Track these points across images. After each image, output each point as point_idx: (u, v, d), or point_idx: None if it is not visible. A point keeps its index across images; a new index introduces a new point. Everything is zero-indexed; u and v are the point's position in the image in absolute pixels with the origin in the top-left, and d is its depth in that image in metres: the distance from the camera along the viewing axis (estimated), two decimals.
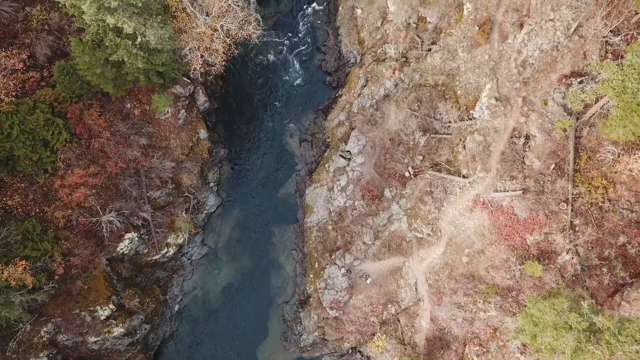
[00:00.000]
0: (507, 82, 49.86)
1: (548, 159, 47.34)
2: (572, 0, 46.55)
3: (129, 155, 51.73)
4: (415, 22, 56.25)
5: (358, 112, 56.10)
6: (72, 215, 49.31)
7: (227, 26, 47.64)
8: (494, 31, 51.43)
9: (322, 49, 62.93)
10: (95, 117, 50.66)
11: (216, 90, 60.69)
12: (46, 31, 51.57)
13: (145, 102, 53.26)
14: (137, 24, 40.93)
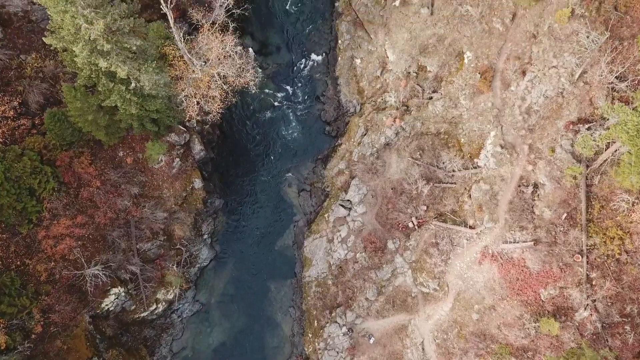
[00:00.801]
0: (512, 130, 48.43)
1: (559, 208, 45.05)
2: (575, 47, 45.96)
3: (119, 205, 49.42)
4: (415, 71, 55.63)
5: (358, 160, 54.36)
6: (55, 269, 46.30)
7: (224, 72, 46.62)
8: (496, 79, 50.62)
9: (321, 98, 62.11)
10: (85, 165, 48.77)
11: (213, 139, 59.23)
12: (40, 79, 50.68)
13: (138, 150, 51.55)
14: (131, 68, 39.78)
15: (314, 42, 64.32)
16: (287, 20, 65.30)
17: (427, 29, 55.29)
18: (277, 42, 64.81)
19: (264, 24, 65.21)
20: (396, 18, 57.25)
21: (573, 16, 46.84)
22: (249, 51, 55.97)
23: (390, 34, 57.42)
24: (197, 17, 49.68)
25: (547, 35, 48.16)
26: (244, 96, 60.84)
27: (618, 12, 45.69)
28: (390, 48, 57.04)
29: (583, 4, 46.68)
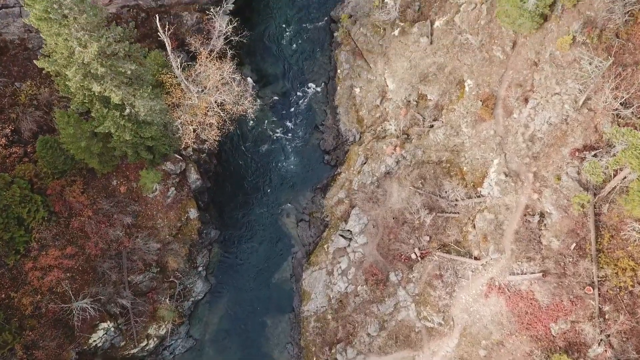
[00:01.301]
0: (515, 157, 47.29)
1: (567, 238, 43.42)
2: (578, 74, 45.32)
3: (111, 235, 47.66)
4: (415, 100, 54.94)
5: (358, 189, 52.97)
6: (42, 302, 44.17)
7: (222, 99, 45.76)
8: (498, 106, 49.85)
9: (320, 128, 61.25)
10: (77, 194, 47.28)
11: (209, 168, 57.96)
12: (34, 106, 49.77)
13: (132, 179, 50.16)
14: (125, 93, 38.83)
15: (313, 72, 63.96)
16: (286, 51, 65.17)
17: (426, 58, 54.95)
18: (276, 72, 64.47)
19: (263, 54, 65.04)
20: (395, 47, 57.02)
21: (574, 43, 46.41)
22: (247, 80, 55.34)
23: (389, 63, 57.05)
24: (195, 45, 49.30)
25: (548, 63, 47.65)
26: (242, 125, 60.01)
27: (620, 40, 45.28)
28: (389, 77, 56.55)
29: (584, 31, 46.35)
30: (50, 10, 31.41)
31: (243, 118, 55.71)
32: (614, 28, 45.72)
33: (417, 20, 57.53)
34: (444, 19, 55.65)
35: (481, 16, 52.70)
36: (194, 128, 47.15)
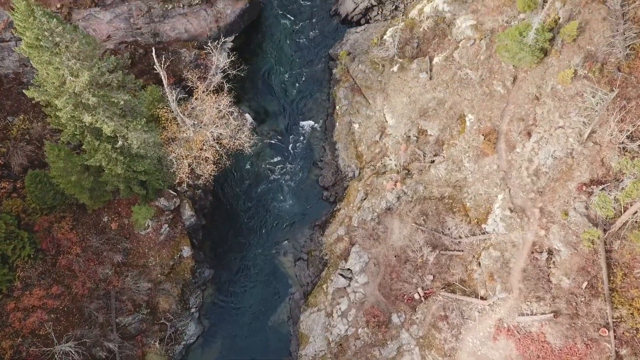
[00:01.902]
0: (520, 192, 45.83)
1: (578, 277, 41.36)
2: (581, 107, 44.53)
3: (100, 274, 45.55)
4: (415, 135, 53.98)
5: (358, 226, 51.16)
6: (22, 345, 41.54)
7: (218, 132, 44.68)
8: (500, 141, 48.80)
9: (318, 164, 60.04)
10: (65, 231, 45.46)
11: (205, 205, 56.30)
12: (26, 141, 48.66)
13: (124, 215, 48.45)
14: (118, 125, 37.70)
15: (311, 109, 63.42)
16: (284, 88, 64.87)
17: (426, 93, 54.39)
18: (274, 109, 63.91)
19: (261, 92, 64.68)
20: (394, 83, 56.59)
21: (576, 77, 45.90)
22: (245, 116, 54.50)
23: (388, 99, 56.47)
24: (192, 79, 48.68)
25: (550, 97, 46.98)
26: (239, 162, 58.84)
27: (622, 73, 44.73)
28: (389, 112, 55.83)
29: (585, 65, 45.91)
30: (42, 37, 30.65)
31: (240, 154, 54.56)
32: (615, 62, 45.29)
33: (416, 56, 57.41)
34: (443, 55, 55.51)
35: (480, 51, 52.50)
36: (189, 162, 45.85)
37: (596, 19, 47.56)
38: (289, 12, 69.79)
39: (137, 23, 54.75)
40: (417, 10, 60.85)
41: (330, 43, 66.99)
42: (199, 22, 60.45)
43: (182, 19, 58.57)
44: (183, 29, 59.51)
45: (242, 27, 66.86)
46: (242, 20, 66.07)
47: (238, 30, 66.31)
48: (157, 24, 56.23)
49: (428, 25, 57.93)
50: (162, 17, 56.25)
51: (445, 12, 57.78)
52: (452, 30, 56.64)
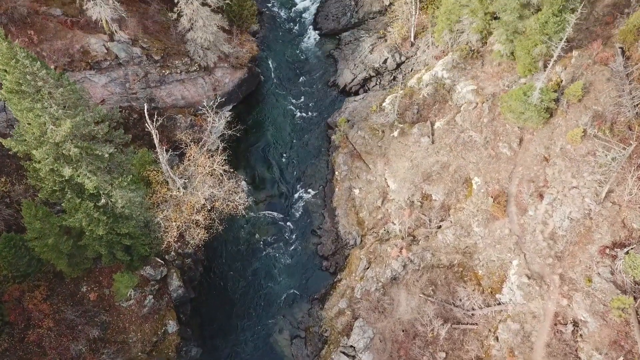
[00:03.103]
0: (537, 258, 42.28)
1: (610, 351, 36.77)
2: (594, 166, 42.27)
3: (73, 350, 40.60)
4: (419, 200, 51.22)
5: (362, 297, 46.85)
6: None
7: (210, 192, 41.88)
8: (511, 203, 46.01)
9: (317, 232, 56.64)
10: (38, 301, 41.10)
11: (194, 276, 52.07)
12: (5, 204, 45.50)
13: (105, 284, 44.29)
14: (101, 181, 34.91)
15: (309, 176, 61.17)
16: (282, 155, 63.12)
17: (429, 157, 52.42)
18: (271, 176, 61.67)
19: (257, 159, 62.84)
20: (395, 148, 54.86)
21: (586, 136, 44.17)
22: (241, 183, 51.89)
23: (389, 163, 54.41)
24: (185, 140, 46.78)
25: (560, 157, 44.92)
26: (233, 230, 55.57)
27: (632, 132, 42.99)
28: (390, 177, 53.52)
29: (594, 124, 44.34)
30: (24, 82, 28.76)
31: (234, 222, 51.56)
32: (625, 121, 43.79)
33: (417, 121, 56.19)
34: (444, 119, 54.28)
35: (483, 114, 51.24)
36: (178, 225, 42.56)
37: (600, 80, 46.77)
38: (287, 83, 69.86)
39: (132, 88, 53.86)
40: (416, 79, 60.63)
41: (329, 112, 66.29)
42: (196, 89, 59.86)
43: (179, 85, 57.95)
44: (180, 96, 58.74)
45: (240, 97, 66.49)
46: (240, 90, 65.80)
47: (236, 100, 65.86)
48: (153, 89, 55.40)
49: (428, 92, 57.32)
50: (158, 83, 55.53)
51: (445, 79, 57.41)
52: (453, 96, 55.90)
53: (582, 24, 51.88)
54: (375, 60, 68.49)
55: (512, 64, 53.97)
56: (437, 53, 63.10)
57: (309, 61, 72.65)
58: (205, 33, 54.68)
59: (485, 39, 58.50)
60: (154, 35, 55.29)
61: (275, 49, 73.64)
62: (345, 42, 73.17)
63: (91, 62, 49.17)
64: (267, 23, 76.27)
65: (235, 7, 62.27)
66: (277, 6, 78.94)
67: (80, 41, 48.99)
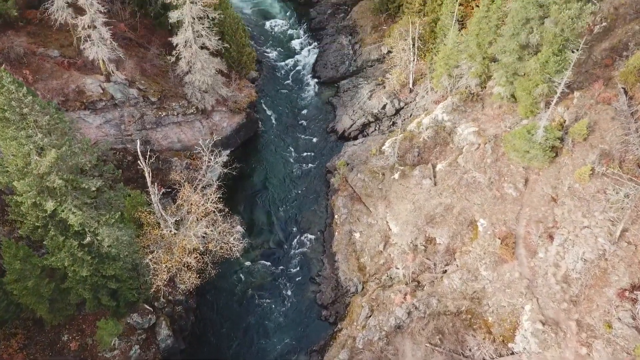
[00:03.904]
0: (550, 302, 39.61)
1: None
2: (606, 205, 40.48)
3: None
4: (423, 244, 48.97)
5: (364, 348, 43.59)
6: None
7: (203, 231, 39.75)
8: (519, 245, 43.81)
9: (316, 279, 53.88)
10: (14, 351, 38.04)
11: (185, 326, 48.79)
12: None
13: (88, 333, 41.20)
14: (87, 217, 32.91)
15: (308, 221, 59.11)
16: (279, 200, 61.35)
17: (431, 199, 50.68)
18: (268, 221, 59.60)
19: (254, 204, 61.00)
20: (396, 190, 53.22)
21: (594, 174, 42.65)
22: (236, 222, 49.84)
23: (391, 206, 52.57)
24: (180, 179, 45.19)
25: (569, 196, 43.22)
26: (227, 276, 52.89)
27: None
28: (392, 220, 51.52)
29: (602, 162, 42.95)
30: (8, 108, 27.44)
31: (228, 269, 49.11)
32: (634, 159, 42.45)
33: (418, 164, 54.91)
34: (446, 161, 53.03)
35: (486, 155, 50.02)
36: (168, 267, 40.11)
37: (604, 119, 45.92)
38: (286, 129, 69.24)
39: (128, 129, 52.89)
40: (416, 123, 59.94)
41: (328, 157, 65.21)
42: (193, 132, 58.97)
43: (175, 128, 57.09)
44: (176, 139, 57.76)
45: (238, 143, 65.64)
46: (238, 135, 65.04)
47: (234, 145, 64.92)
48: (149, 131, 54.44)
49: (428, 135, 56.41)
50: (154, 125, 54.65)
51: (445, 122, 56.68)
52: (454, 138, 54.94)
53: (582, 66, 51.91)
54: (374, 106, 68.24)
55: (513, 106, 53.43)
56: (437, 98, 62.86)
57: (308, 108, 72.44)
58: (204, 76, 54.40)
59: (485, 83, 58.37)
60: (152, 78, 55.00)
61: (273, 96, 73.61)
62: (343, 90, 73.28)
63: (86, 102, 48.39)
64: (266, 71, 76.74)
65: (234, 53, 62.63)
66: (276, 55, 79.78)
67: (76, 81, 48.45)
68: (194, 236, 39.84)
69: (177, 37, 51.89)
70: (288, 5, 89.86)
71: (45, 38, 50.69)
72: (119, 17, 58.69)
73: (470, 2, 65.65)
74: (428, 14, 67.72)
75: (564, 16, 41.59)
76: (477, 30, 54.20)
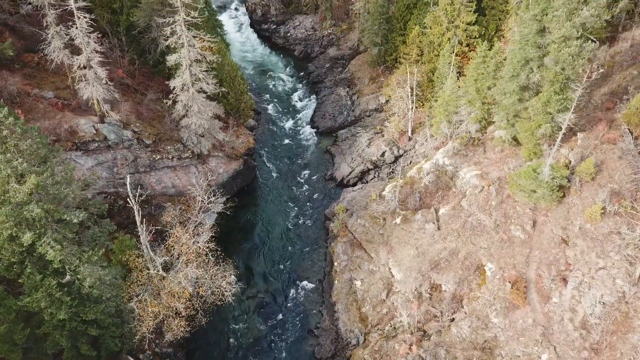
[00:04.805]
0: (569, 351, 36.46)
1: None
2: (621, 245, 38.27)
3: None
4: (428, 291, 46.15)
5: None
6: None
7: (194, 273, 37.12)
8: (531, 290, 41.12)
9: (314, 332, 50.34)
10: None
11: None
12: None
13: None
14: (67, 253, 30.51)
15: (306, 269, 56.36)
16: (276, 248, 58.83)
17: (435, 244, 48.38)
18: (264, 270, 56.75)
19: (249, 252, 58.39)
20: (398, 235, 50.96)
21: (606, 214, 40.71)
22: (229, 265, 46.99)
23: (393, 252, 50.10)
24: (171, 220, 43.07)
25: (580, 237, 41.07)
26: (219, 329, 49.40)
27: None
28: (395, 266, 48.89)
29: (613, 201, 41.15)
30: None
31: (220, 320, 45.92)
32: None
33: (419, 208, 52.99)
34: (449, 205, 51.20)
35: (491, 197, 48.27)
36: (154, 312, 37.10)
37: (611, 159, 44.66)
38: (284, 177, 67.88)
39: (120, 172, 51.28)
40: (416, 169, 58.67)
41: (326, 204, 63.39)
42: (187, 177, 57.32)
43: (169, 172, 55.56)
44: (170, 184, 56.07)
45: (234, 190, 63.91)
46: (235, 182, 63.48)
47: (230, 192, 63.04)
48: (142, 174, 52.85)
49: (429, 180, 54.97)
50: (148, 168, 53.15)
51: (447, 166, 55.41)
52: (456, 182, 53.42)
53: (582, 110, 51.36)
54: (372, 153, 67.31)
55: (515, 150, 52.38)
56: (436, 144, 62.03)
57: (306, 157, 71.48)
58: (200, 119, 53.59)
59: (485, 129, 57.65)
60: (147, 121, 54.17)
61: (271, 145, 72.87)
62: (342, 139, 72.65)
63: (78, 143, 47.11)
64: (265, 121, 76.52)
65: (232, 99, 62.35)
66: (275, 106, 79.91)
67: (69, 122, 47.43)
68: (184, 278, 37.16)
69: (175, 81, 51.55)
70: (287, 60, 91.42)
71: (41, 80, 50.28)
72: (117, 64, 58.80)
73: (467, 54, 66.51)
74: (425, 63, 68.29)
75: (564, 54, 41.26)
76: (475, 76, 54.13)
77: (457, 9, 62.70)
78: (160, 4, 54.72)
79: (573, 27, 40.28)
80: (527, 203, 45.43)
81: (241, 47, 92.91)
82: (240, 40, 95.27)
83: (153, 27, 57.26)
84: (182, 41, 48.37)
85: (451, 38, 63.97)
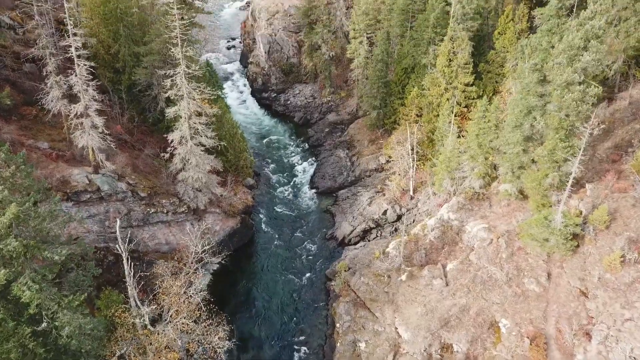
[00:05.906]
0: None
1: None
2: None
3: None
4: (438, 352, 42.49)
5: None
6: None
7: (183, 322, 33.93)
8: (551, 347, 37.70)
9: None
10: None
11: None
12: None
13: None
14: (45, 297, 27.75)
15: (305, 332, 52.56)
16: (273, 311, 55.27)
17: (444, 300, 45.32)
18: (260, 334, 52.90)
19: (244, 314, 54.78)
20: (405, 292, 47.94)
21: (626, 262, 38.29)
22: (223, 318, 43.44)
23: (399, 310, 46.82)
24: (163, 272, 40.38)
25: (601, 288, 38.37)
26: None
27: None
28: (401, 325, 45.43)
29: (632, 249, 38.88)
30: None
31: None
32: None
33: (426, 264, 50.34)
34: (457, 260, 48.66)
35: (501, 250, 45.92)
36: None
37: (625, 206, 42.99)
38: (282, 237, 65.45)
39: (112, 226, 49.02)
40: (420, 226, 56.67)
41: (327, 264, 60.53)
42: (182, 234, 54.70)
43: (164, 228, 53.31)
44: (164, 240, 53.62)
45: (231, 249, 61.16)
46: (231, 241, 61.01)
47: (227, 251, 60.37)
48: (135, 229, 50.54)
49: (435, 235, 52.85)
50: (141, 222, 50.99)
51: (452, 221, 53.46)
52: (463, 237, 51.21)
53: (588, 163, 50.35)
54: (374, 212, 65.44)
55: (522, 204, 50.74)
56: (439, 201, 60.38)
57: (306, 217, 69.51)
58: (198, 173, 52.27)
59: (489, 185, 56.33)
60: (143, 174, 52.77)
61: (270, 205, 71.13)
62: (342, 198, 71.07)
63: (69, 193, 45.31)
64: (264, 182, 75.35)
65: (232, 157, 61.48)
66: (274, 168, 79.15)
67: (62, 171, 45.97)
68: (172, 330, 33.90)
69: (174, 134, 50.85)
70: (287, 126, 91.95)
71: (37, 132, 49.48)
72: (116, 120, 58.49)
73: (466, 114, 66.65)
74: (425, 124, 68.28)
75: (568, 100, 40.78)
76: (476, 131, 53.63)
77: (454, 70, 63.57)
78: (162, 62, 55.29)
79: (575, 72, 40.08)
80: (539, 254, 43.07)
81: (242, 114, 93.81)
82: (241, 108, 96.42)
83: (154, 84, 57.59)
84: (182, 93, 48.17)
85: (450, 98, 64.33)
